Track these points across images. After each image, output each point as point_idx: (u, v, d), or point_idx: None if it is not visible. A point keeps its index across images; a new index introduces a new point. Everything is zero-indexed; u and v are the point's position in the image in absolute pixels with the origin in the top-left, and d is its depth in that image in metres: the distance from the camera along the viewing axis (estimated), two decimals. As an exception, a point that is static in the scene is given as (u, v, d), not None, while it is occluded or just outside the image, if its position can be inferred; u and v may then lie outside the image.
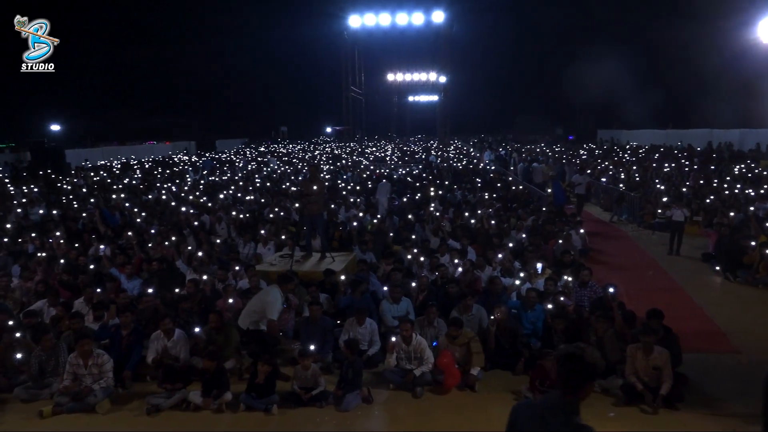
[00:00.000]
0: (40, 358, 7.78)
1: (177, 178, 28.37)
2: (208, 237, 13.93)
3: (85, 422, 7.02)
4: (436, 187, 20.80)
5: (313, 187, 11.42)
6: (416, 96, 70.57)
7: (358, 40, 40.28)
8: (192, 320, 8.72)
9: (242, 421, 6.95)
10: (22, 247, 13.16)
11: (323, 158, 40.44)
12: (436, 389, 7.59)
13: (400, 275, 10.08)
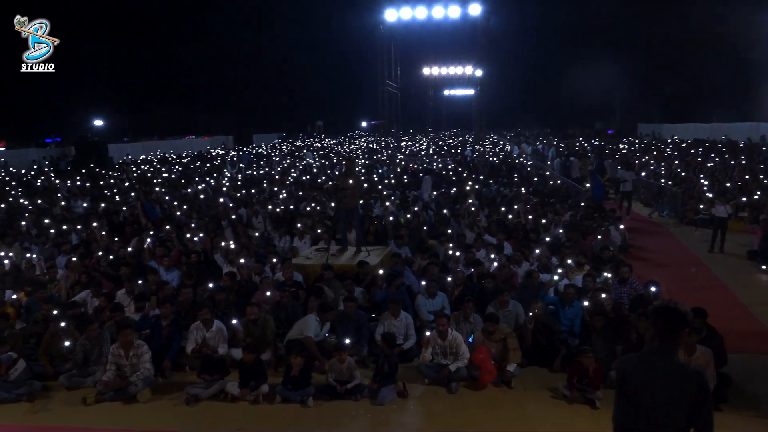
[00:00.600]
0: (85, 347, 8.00)
1: (215, 172, 28.81)
2: (246, 230, 14.11)
3: (126, 410, 7.19)
4: (473, 181, 20.64)
5: (349, 181, 11.44)
6: (452, 90, 70.05)
7: (394, 33, 40.15)
8: (229, 312, 8.84)
9: (279, 412, 7.03)
10: (67, 239, 13.53)
11: (359, 152, 40.54)
12: (472, 385, 7.54)
13: (436, 270, 10.03)
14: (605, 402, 6.91)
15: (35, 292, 9.54)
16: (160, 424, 6.82)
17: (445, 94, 73.82)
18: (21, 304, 9.58)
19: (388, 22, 37.18)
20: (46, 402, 7.44)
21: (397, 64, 48.41)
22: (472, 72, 51.97)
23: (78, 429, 6.79)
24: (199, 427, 6.76)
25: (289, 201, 18.48)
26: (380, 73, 40.62)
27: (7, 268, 11.08)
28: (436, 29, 37.48)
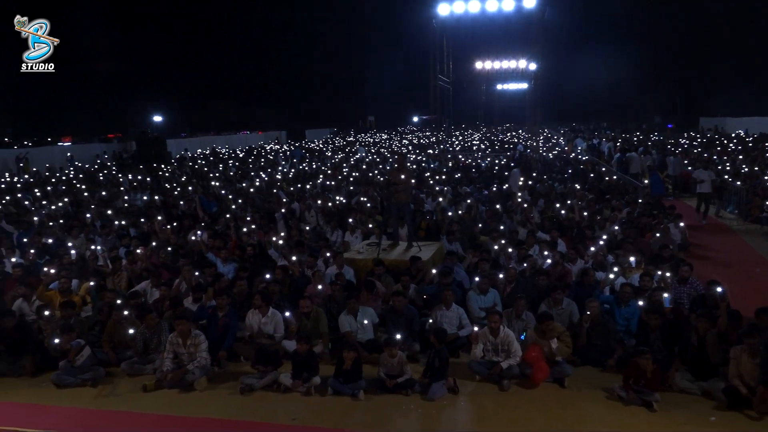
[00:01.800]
0: (145, 336, 8.30)
1: (269, 166, 29.31)
2: (298, 224, 14.32)
3: (184, 398, 7.43)
4: (525, 177, 20.33)
5: (400, 176, 11.44)
6: (504, 84, 69.14)
7: (446, 28, 39.89)
8: (282, 304, 8.99)
9: (330, 404, 7.11)
10: (127, 231, 14.02)
11: (410, 147, 40.52)
12: (524, 383, 7.46)
13: (488, 266, 9.95)
14: (663, 405, 6.73)
15: (99, 282, 9.93)
16: (216, 413, 7.01)
17: (498, 89, 72.92)
18: (86, 293, 9.99)
19: (441, 17, 36.95)
20: (109, 387, 7.76)
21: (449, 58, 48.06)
22: (526, 66, 51.12)
23: (139, 414, 7.05)
24: (253, 416, 6.91)
25: (341, 195, 18.63)
26: (432, 67, 40.43)
27: (73, 259, 11.58)
28: (489, 23, 37.03)
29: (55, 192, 20.74)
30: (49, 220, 15.15)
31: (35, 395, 7.60)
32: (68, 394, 7.57)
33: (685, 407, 6.77)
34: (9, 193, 20.29)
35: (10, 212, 16.29)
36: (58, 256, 11.58)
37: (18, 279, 10.16)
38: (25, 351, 8.28)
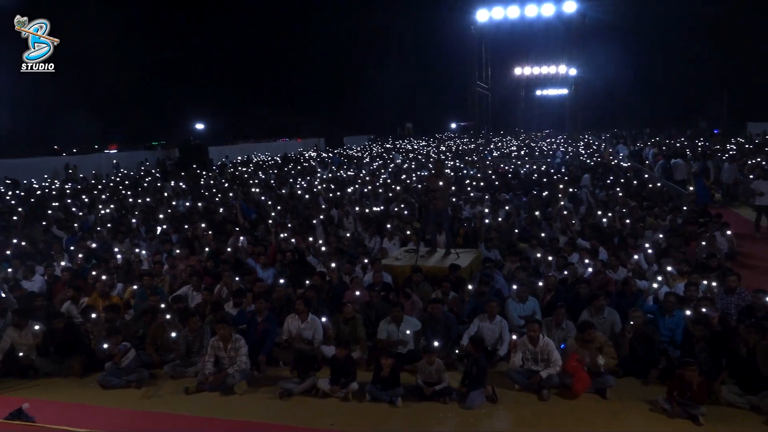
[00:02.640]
0: (187, 339, 8.47)
1: (307, 173, 29.61)
2: (336, 230, 14.42)
3: (224, 401, 7.55)
4: (565, 183, 20.05)
5: (438, 183, 11.43)
6: (544, 90, 68.30)
7: (485, 34, 39.70)
8: (321, 310, 9.06)
9: (368, 410, 7.13)
10: (170, 236, 14.33)
11: (448, 154, 40.40)
12: (564, 393, 7.35)
13: (527, 274, 9.84)
14: (710, 418, 6.54)
15: (144, 285, 10.18)
16: (256, 416, 7.10)
17: (537, 95, 72.12)
18: (131, 296, 10.26)
19: (480, 23, 36.83)
20: (153, 389, 7.94)
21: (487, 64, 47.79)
22: (566, 71, 50.44)
23: (181, 416, 7.19)
24: (292, 421, 6.98)
25: (379, 202, 18.69)
26: (471, 74, 40.27)
27: (119, 263, 11.91)
28: (529, 28, 36.70)
29: (102, 198, 21.35)
30: (96, 226, 15.61)
31: (82, 395, 7.82)
32: (114, 395, 7.77)
33: (732, 422, 6.57)
34: (58, 200, 20.97)
35: (60, 218, 16.83)
36: (104, 261, 11.92)
37: (66, 282, 10.49)
38: (72, 352, 8.54)
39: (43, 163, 30.76)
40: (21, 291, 10.31)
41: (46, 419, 6.97)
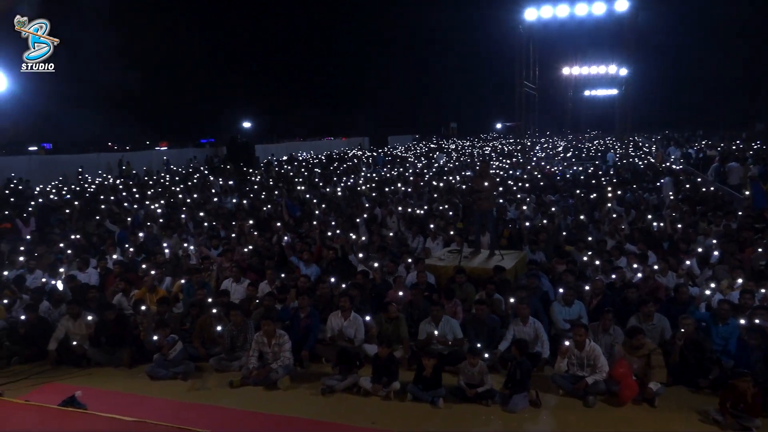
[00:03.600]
0: (232, 334, 8.62)
1: (352, 172, 29.76)
2: (380, 230, 14.44)
3: (267, 395, 7.65)
4: (614, 186, 19.60)
5: (484, 184, 11.33)
6: (593, 90, 66.99)
7: (533, 33, 39.06)
8: (363, 309, 9.09)
9: (409, 410, 7.11)
10: (217, 232, 14.61)
11: (493, 154, 40.05)
12: (610, 400, 7.18)
13: (573, 277, 9.65)
14: (764, 431, 6.28)
15: (192, 279, 10.41)
16: (298, 412, 7.17)
17: (585, 95, 70.82)
18: (179, 290, 10.50)
19: (528, 22, 36.24)
20: (199, 381, 8.10)
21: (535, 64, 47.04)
22: (616, 71, 49.29)
23: (225, 409, 7.31)
24: (333, 417, 7.01)
25: (423, 202, 18.65)
26: (518, 73, 39.70)
27: (168, 257, 12.20)
28: (578, 27, 35.91)
29: (152, 194, 21.92)
30: (146, 221, 16.03)
31: (131, 385, 8.04)
32: (161, 386, 7.97)
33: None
34: (112, 194, 21.63)
35: (113, 212, 17.35)
36: (153, 255, 12.23)
37: (118, 275, 10.80)
38: (123, 343, 8.80)
39: (100, 159, 31.75)
40: (75, 282, 10.67)
41: (96, 407, 7.20)
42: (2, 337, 8.98)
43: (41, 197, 21.10)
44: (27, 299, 9.82)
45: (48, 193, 22.38)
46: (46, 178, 26.18)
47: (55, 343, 8.77)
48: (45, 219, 16.94)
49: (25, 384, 8.07)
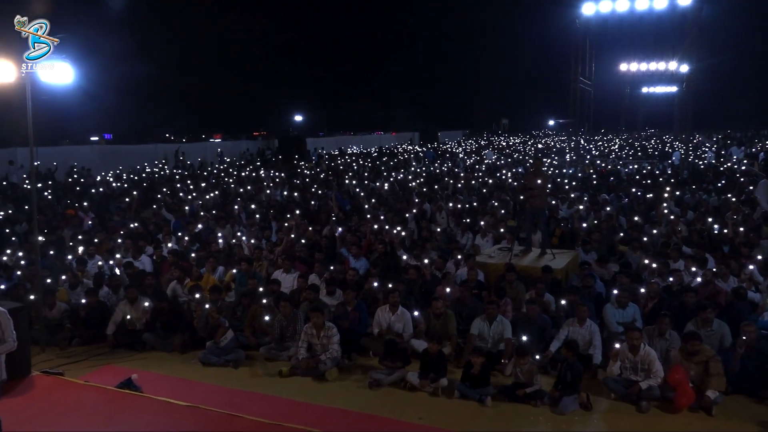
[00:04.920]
0: (281, 324, 8.75)
1: (401, 167, 29.75)
2: (429, 225, 14.38)
3: (315, 386, 7.74)
4: (672, 186, 18.96)
5: (536, 181, 11.14)
6: (651, 87, 64.93)
7: (590, 28, 38.09)
8: (411, 304, 9.08)
9: (457, 407, 7.08)
10: (268, 224, 14.83)
11: (545, 151, 39.38)
12: (665, 406, 6.96)
13: (628, 279, 9.40)
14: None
15: (243, 269, 10.61)
16: (345, 404, 7.22)
17: (643, 92, 68.75)
18: (231, 280, 10.71)
19: (585, 16, 35.35)
20: (249, 370, 8.28)
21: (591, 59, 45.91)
22: (676, 68, 47.61)
23: (274, 398, 7.43)
24: (380, 411, 7.04)
25: (473, 198, 18.48)
26: (573, 69, 38.81)
27: (221, 247, 12.46)
28: (638, 22, 34.82)
29: (206, 184, 22.43)
30: (200, 211, 16.41)
31: (184, 371, 8.27)
32: (212, 373, 8.16)
33: None
34: (168, 184, 22.24)
35: (169, 201, 17.84)
36: (207, 244, 12.51)
37: (173, 263, 11.10)
38: (176, 329, 9.05)
39: (157, 149, 32.70)
40: (133, 269, 11.03)
41: (151, 390, 7.43)
42: (64, 319, 9.37)
43: (102, 186, 21.87)
44: (88, 283, 10.23)
45: (108, 182, 23.18)
46: (106, 167, 27.16)
47: (113, 326, 9.11)
48: (105, 207, 17.58)
49: (85, 365, 8.41)
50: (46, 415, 6.91)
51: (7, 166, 23.26)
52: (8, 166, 23.25)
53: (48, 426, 6.64)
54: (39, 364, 8.15)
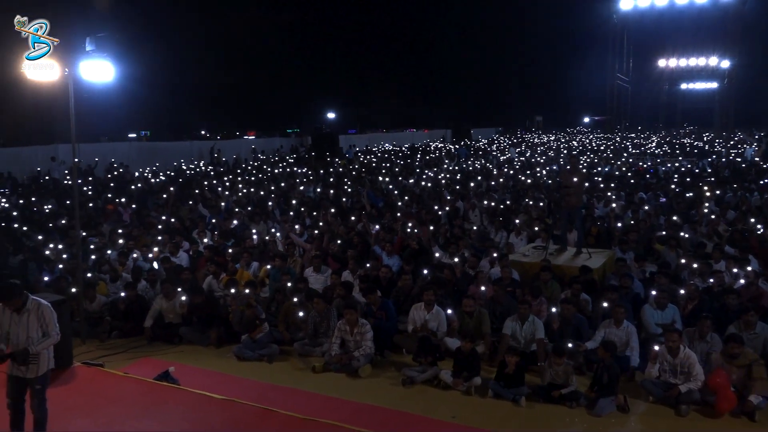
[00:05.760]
0: (315, 320, 8.80)
1: (434, 164, 29.65)
2: (462, 223, 14.29)
3: (348, 382, 7.77)
4: (713, 185, 18.49)
5: (572, 179, 10.99)
6: (690, 83, 63.45)
7: (628, 23, 37.39)
8: (445, 302, 9.03)
9: (490, 407, 7.03)
10: (302, 221, 14.93)
11: (580, 149, 38.82)
12: (705, 411, 6.81)
13: (667, 280, 9.20)
14: None
15: (277, 265, 10.70)
16: (378, 401, 7.23)
17: (682, 88, 67.21)
18: (265, 275, 10.82)
19: (623, 11, 34.74)
20: (283, 365, 8.35)
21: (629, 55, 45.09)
22: (717, 63, 46.47)
23: (307, 393, 7.48)
24: (413, 409, 7.03)
25: (506, 196, 18.32)
26: (610, 65, 38.18)
27: (255, 243, 12.60)
28: (678, 17, 34.06)
29: (241, 181, 22.69)
30: (234, 207, 16.62)
31: (219, 364, 8.38)
32: (247, 367, 8.26)
33: None
34: (203, 180, 22.56)
35: (205, 197, 18.10)
36: (243, 240, 12.66)
37: (208, 259, 11.26)
38: (212, 324, 9.18)
39: (193, 146, 33.22)
40: (170, 264, 11.22)
41: (188, 383, 7.57)
42: (104, 312, 9.59)
43: (140, 182, 22.31)
44: (127, 277, 10.45)
45: (146, 178, 23.64)
46: (144, 163, 27.71)
47: (150, 320, 9.29)
48: (143, 202, 17.93)
49: (124, 357, 8.59)
50: (88, 405, 7.10)
51: (49, 162, 23.92)
52: (50, 162, 23.91)
53: (90, 415, 6.82)
54: (80, 356, 8.37)
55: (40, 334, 5.70)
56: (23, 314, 5.66)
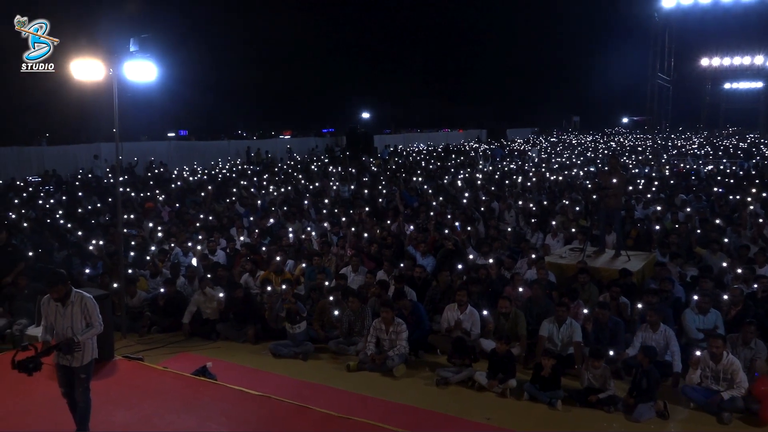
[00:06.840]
0: (350, 318, 8.84)
1: (469, 165, 29.49)
2: (497, 224, 14.18)
3: (382, 381, 7.78)
4: (759, 187, 17.94)
5: (612, 180, 10.80)
6: (734, 83, 61.73)
7: (670, 21, 36.53)
8: (480, 303, 8.97)
9: (525, 409, 6.95)
10: (338, 220, 15.01)
11: (619, 150, 38.13)
12: (749, 419, 6.61)
13: (711, 284, 8.97)
14: None
15: (313, 263, 10.79)
16: (412, 400, 7.22)
17: (725, 88, 65.42)
18: (301, 273, 10.91)
19: (665, 10, 33.94)
20: (318, 363, 8.42)
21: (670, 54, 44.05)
22: (763, 62, 45.12)
23: (341, 391, 7.51)
24: (447, 409, 6.99)
25: (543, 197, 18.10)
26: (651, 65, 37.36)
27: (291, 241, 12.71)
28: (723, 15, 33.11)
29: (277, 180, 22.94)
30: (271, 206, 16.80)
31: (256, 361, 8.48)
32: (282, 364, 8.34)
33: None
34: (240, 179, 22.88)
35: (242, 196, 18.35)
36: (278, 239, 12.79)
37: (245, 256, 11.41)
38: (249, 320, 9.30)
39: (230, 146, 33.73)
40: (207, 261, 11.41)
41: (225, 379, 7.67)
42: (144, 308, 9.81)
43: (178, 180, 22.75)
44: (166, 274, 10.67)
45: (184, 177, 24.09)
46: (182, 162, 28.25)
47: (188, 316, 9.46)
48: (182, 200, 18.28)
49: (163, 352, 8.76)
50: (128, 397, 7.25)
51: (92, 160, 24.57)
52: (93, 160, 24.56)
53: (130, 408, 6.97)
54: (121, 349, 8.57)
55: (84, 325, 5.88)
56: (68, 306, 5.85)
